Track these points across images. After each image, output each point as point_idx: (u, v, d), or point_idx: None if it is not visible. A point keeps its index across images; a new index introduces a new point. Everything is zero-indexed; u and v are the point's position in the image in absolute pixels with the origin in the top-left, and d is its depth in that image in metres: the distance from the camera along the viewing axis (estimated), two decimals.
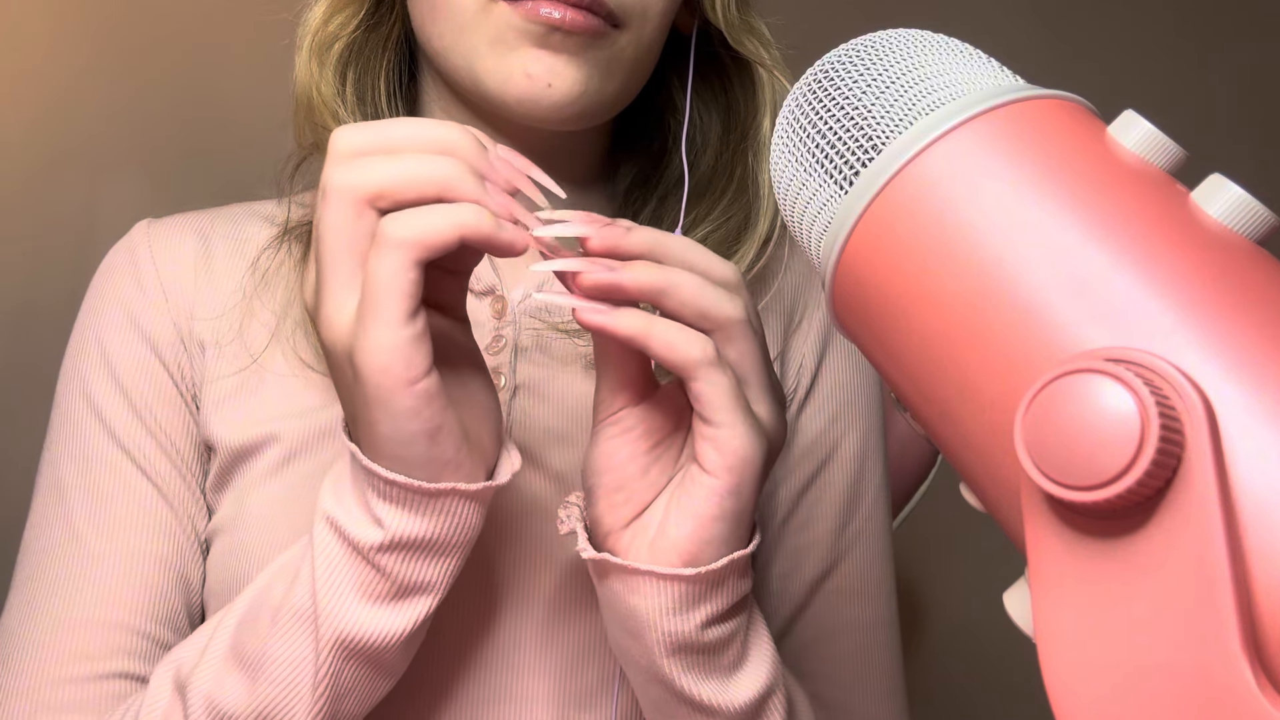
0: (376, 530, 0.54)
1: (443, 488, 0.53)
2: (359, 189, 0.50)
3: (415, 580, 0.55)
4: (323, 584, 0.55)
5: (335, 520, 0.55)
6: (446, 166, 0.51)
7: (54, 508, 0.69)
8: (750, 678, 0.58)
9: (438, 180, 0.50)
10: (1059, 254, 0.35)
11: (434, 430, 0.52)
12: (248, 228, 0.74)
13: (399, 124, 0.52)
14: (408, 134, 0.52)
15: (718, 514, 0.54)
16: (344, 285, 0.51)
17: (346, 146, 0.52)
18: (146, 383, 0.70)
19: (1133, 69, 1.76)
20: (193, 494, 0.69)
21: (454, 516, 0.54)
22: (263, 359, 0.70)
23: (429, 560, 0.55)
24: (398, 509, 0.53)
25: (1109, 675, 0.32)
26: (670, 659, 0.56)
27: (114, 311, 0.71)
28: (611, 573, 0.56)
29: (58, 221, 1.37)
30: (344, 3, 0.71)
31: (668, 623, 0.55)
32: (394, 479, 0.52)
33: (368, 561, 0.54)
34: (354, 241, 0.51)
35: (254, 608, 0.58)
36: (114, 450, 0.69)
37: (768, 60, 0.72)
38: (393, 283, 0.49)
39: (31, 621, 0.66)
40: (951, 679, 1.69)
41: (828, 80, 0.42)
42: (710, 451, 0.53)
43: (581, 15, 0.63)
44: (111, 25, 1.38)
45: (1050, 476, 0.31)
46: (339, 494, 0.56)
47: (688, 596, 0.55)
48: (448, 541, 0.55)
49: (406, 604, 0.56)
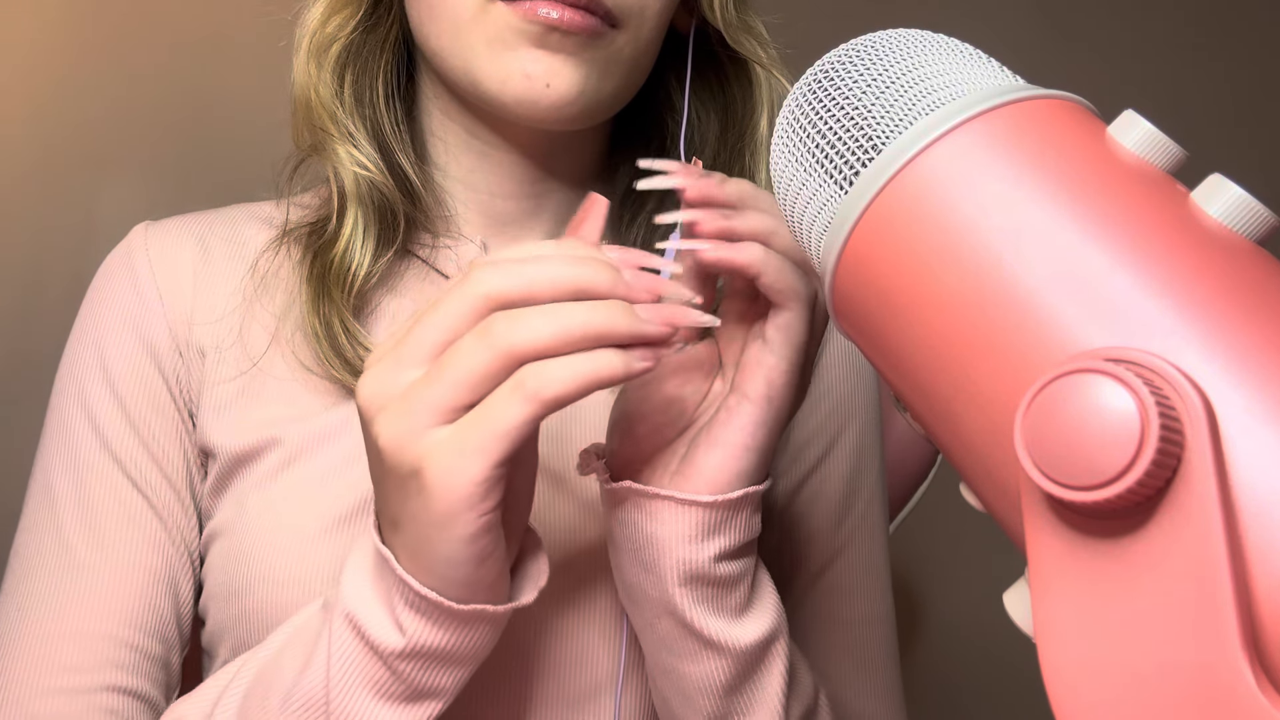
0: (398, 636, 0.53)
1: (471, 610, 0.53)
2: (520, 348, 0.48)
3: (428, 685, 0.55)
4: (337, 678, 0.54)
5: (357, 620, 0.54)
6: (601, 316, 0.49)
7: (45, 515, 0.69)
8: (756, 621, 0.59)
9: (597, 333, 0.49)
10: (1059, 254, 0.35)
11: (485, 557, 0.51)
12: (246, 230, 0.74)
13: (539, 262, 0.50)
14: (549, 274, 0.49)
15: (750, 444, 0.57)
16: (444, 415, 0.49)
17: (487, 291, 0.49)
18: (142, 392, 0.70)
19: (1133, 69, 1.76)
20: (184, 506, 0.69)
21: (475, 633, 0.54)
22: (263, 363, 0.69)
23: (445, 668, 0.55)
24: (423, 621, 0.53)
25: (1109, 675, 0.32)
26: (683, 588, 0.57)
27: (111, 318, 0.71)
28: (629, 500, 0.57)
29: (57, 222, 1.37)
30: (342, 4, 0.71)
31: (683, 549, 0.57)
32: (426, 595, 0.52)
33: (385, 664, 0.54)
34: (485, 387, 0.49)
35: (263, 682, 0.57)
36: (106, 460, 0.68)
37: (765, 59, 0.72)
38: (513, 431, 0.48)
39: (20, 631, 0.66)
40: (950, 679, 1.69)
41: (828, 80, 0.42)
42: (760, 381, 0.56)
43: (579, 15, 0.63)
44: (111, 25, 1.38)
45: (1050, 476, 0.31)
46: (360, 590, 0.55)
47: (705, 524, 0.57)
48: (465, 654, 0.55)
49: (417, 705, 0.55)
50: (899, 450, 1.40)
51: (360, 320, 0.69)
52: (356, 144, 0.70)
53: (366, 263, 0.69)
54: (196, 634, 0.71)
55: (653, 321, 0.50)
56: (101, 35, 1.38)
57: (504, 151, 0.71)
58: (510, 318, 0.48)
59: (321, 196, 0.74)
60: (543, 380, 0.48)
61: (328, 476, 0.66)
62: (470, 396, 0.49)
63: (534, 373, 0.48)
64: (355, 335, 0.67)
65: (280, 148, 0.74)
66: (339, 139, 0.70)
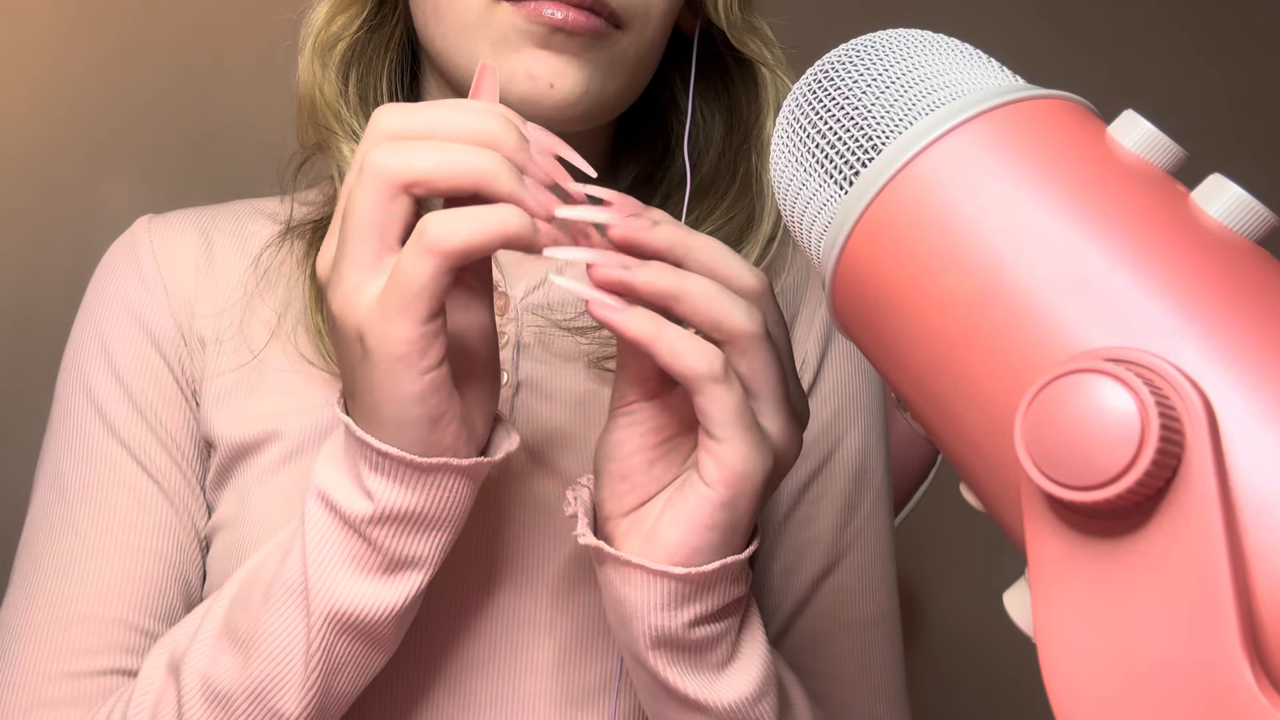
0: (366, 502, 0.54)
1: (434, 462, 0.53)
2: (397, 174, 0.49)
3: (406, 554, 0.55)
4: (313, 557, 0.55)
5: (326, 493, 0.55)
6: (487, 160, 0.50)
7: (54, 503, 0.69)
8: (739, 678, 0.58)
9: (477, 174, 0.49)
10: (1059, 254, 0.35)
11: (437, 417, 0.52)
12: (250, 224, 0.74)
13: (443, 107, 0.51)
14: (450, 120, 0.51)
15: (710, 524, 0.53)
16: (365, 266, 0.50)
17: (387, 126, 0.51)
18: (147, 379, 0.70)
19: (1133, 69, 1.76)
20: (193, 491, 0.69)
21: (444, 491, 0.54)
22: (263, 355, 0.70)
23: (420, 535, 0.55)
24: (388, 481, 0.53)
25: (1109, 675, 0.32)
26: (654, 651, 0.56)
27: (115, 306, 0.71)
28: (606, 560, 0.56)
29: (57, 220, 1.37)
30: (346, 4, 0.71)
31: (655, 617, 0.55)
32: (386, 450, 0.52)
33: (358, 534, 0.55)
34: (384, 225, 0.50)
35: (246, 586, 0.58)
36: (115, 446, 0.69)
37: (770, 60, 0.72)
38: (426, 286, 0.49)
39: (30, 616, 0.66)
40: (951, 679, 1.69)
41: (828, 80, 0.42)
42: (709, 463, 0.52)
43: (584, 16, 0.63)
44: (111, 25, 1.38)
45: (1050, 476, 0.31)
46: (331, 467, 0.56)
47: (677, 595, 0.55)
48: (438, 516, 0.55)
49: (398, 578, 0.56)
50: (899, 450, 1.40)
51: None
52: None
53: None
54: None
55: (538, 196, 0.50)
56: (101, 34, 1.38)
57: None
58: (388, 147, 0.49)
59: (325, 193, 0.74)
60: (442, 230, 0.48)
61: None
62: (377, 238, 0.50)
63: (434, 221, 0.48)
64: None
65: (280, 146, 0.74)
66: (343, 138, 0.70)
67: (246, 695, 0.57)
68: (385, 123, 0.51)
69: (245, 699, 0.57)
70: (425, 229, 0.48)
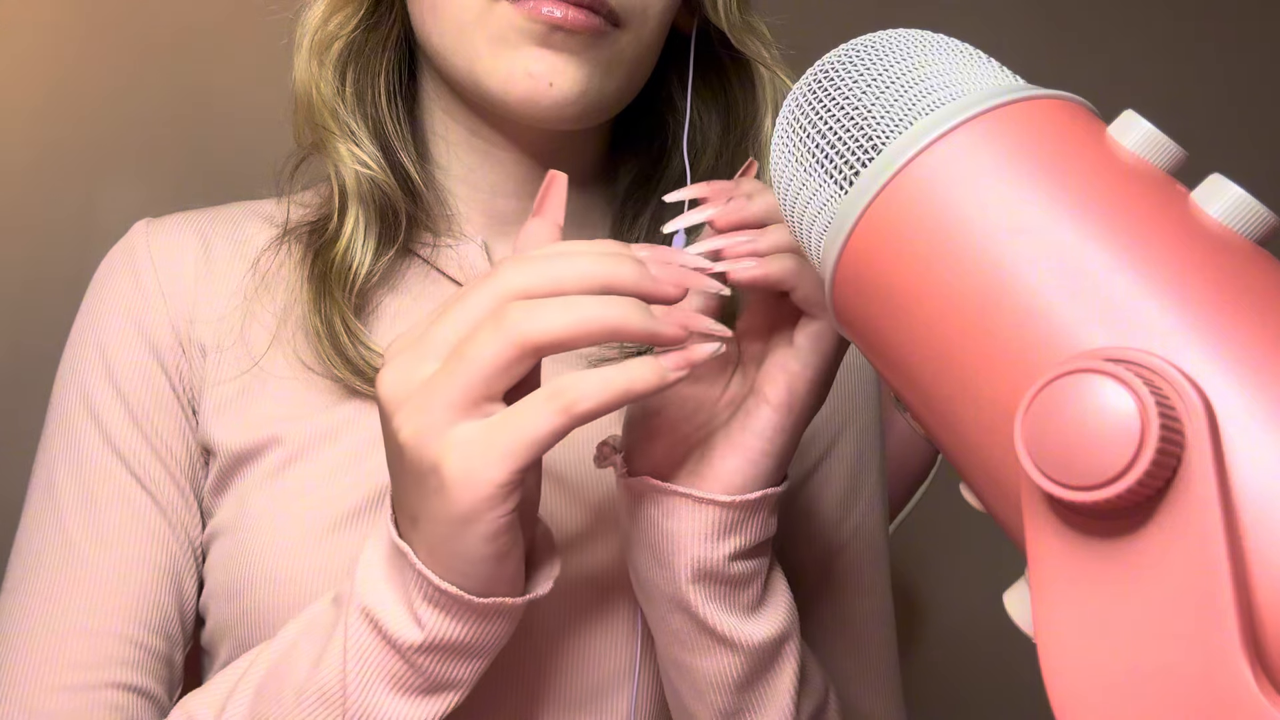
0: (416, 631, 0.53)
1: (490, 604, 0.52)
2: (535, 338, 0.48)
3: (446, 678, 0.55)
4: (353, 674, 0.54)
5: (374, 615, 0.54)
6: (617, 310, 0.49)
7: (47, 512, 0.69)
8: (768, 619, 0.60)
9: (612, 325, 0.48)
10: (1059, 254, 0.35)
11: (504, 555, 0.51)
12: (247, 228, 0.74)
13: (563, 258, 0.50)
14: (575, 273, 0.49)
15: (768, 449, 0.57)
16: (463, 410, 0.49)
17: (515, 285, 0.49)
18: (145, 387, 0.69)
19: (1133, 68, 1.76)
20: (187, 502, 0.69)
21: (493, 624, 0.54)
22: (264, 361, 0.69)
23: (462, 660, 0.55)
24: (442, 615, 0.53)
25: (1109, 675, 0.32)
26: (695, 585, 0.57)
27: (113, 313, 0.71)
28: (646, 495, 0.57)
29: (56, 221, 1.37)
30: (343, 2, 0.71)
31: (698, 547, 0.57)
32: (446, 590, 0.51)
33: (403, 658, 0.54)
34: (502, 380, 0.49)
35: (275, 677, 0.57)
36: (109, 456, 0.68)
37: (768, 59, 0.72)
38: (543, 441, 0.48)
39: (24, 628, 0.66)
40: (951, 679, 1.69)
41: (828, 80, 0.42)
42: (782, 387, 0.56)
43: (583, 14, 0.63)
44: (110, 24, 1.38)
45: (1050, 476, 0.31)
46: (375, 585, 0.54)
47: (721, 523, 0.57)
48: (483, 646, 0.55)
49: (436, 698, 0.55)
50: (899, 450, 1.40)
51: (361, 319, 0.69)
52: (358, 142, 0.70)
53: (368, 261, 0.69)
54: (196, 633, 0.71)
55: (668, 322, 0.50)
56: (101, 34, 1.38)
57: (506, 150, 0.71)
58: (525, 306, 0.48)
59: (323, 195, 0.74)
60: (578, 392, 0.48)
61: (330, 476, 0.66)
62: (486, 388, 0.48)
63: (570, 384, 0.48)
64: (357, 334, 0.67)
65: (280, 147, 0.74)
66: (340, 137, 0.70)
67: None
68: (509, 282, 0.49)
69: None
70: (565, 391, 0.48)
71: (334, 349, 0.67)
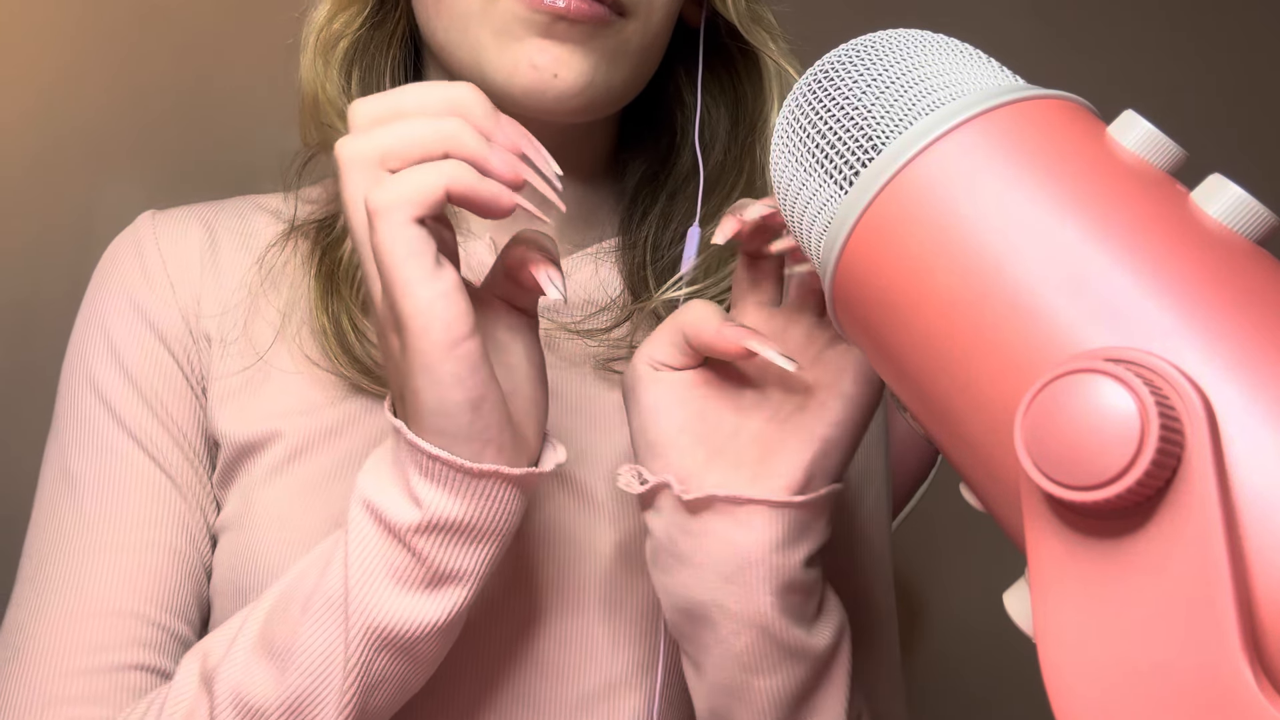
0: (414, 510, 0.53)
1: (485, 469, 0.53)
2: (368, 154, 0.51)
3: (451, 567, 0.54)
4: (355, 568, 0.54)
5: (371, 501, 0.54)
6: (449, 124, 0.51)
7: (63, 498, 0.68)
8: (828, 623, 0.59)
9: (440, 138, 0.51)
10: (1059, 254, 0.35)
11: (477, 400, 0.52)
12: (253, 221, 0.74)
13: (409, 89, 0.53)
14: (417, 97, 0.53)
15: (840, 442, 0.57)
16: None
17: (362, 117, 0.53)
18: (155, 372, 0.69)
19: (1133, 69, 1.76)
20: (203, 484, 0.69)
21: (495, 501, 0.54)
22: (268, 355, 0.69)
23: (466, 546, 0.54)
24: (438, 488, 0.53)
25: (1109, 675, 0.32)
26: (775, 597, 0.56)
27: (119, 301, 0.71)
28: (711, 510, 0.56)
29: (56, 219, 1.36)
30: (348, 1, 0.71)
31: (776, 557, 0.56)
32: (437, 454, 0.52)
33: (403, 544, 0.54)
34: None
35: (284, 598, 0.57)
36: (124, 439, 0.68)
37: (775, 51, 0.71)
38: (397, 245, 0.50)
39: (43, 613, 0.66)
40: (951, 678, 1.69)
41: (828, 80, 0.42)
42: (850, 379, 0.57)
43: (586, 3, 0.62)
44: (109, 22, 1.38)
45: (1050, 476, 0.31)
46: (378, 475, 0.55)
47: (796, 528, 0.56)
48: (486, 527, 0.54)
49: (441, 592, 0.55)
50: (899, 450, 1.40)
51: (369, 316, 0.69)
52: None
53: None
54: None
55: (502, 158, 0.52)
56: (101, 34, 1.38)
57: None
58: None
59: (329, 190, 0.74)
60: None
61: (333, 473, 0.66)
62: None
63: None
64: (364, 332, 0.67)
65: (280, 146, 0.74)
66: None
67: (281, 709, 0.56)
68: (359, 113, 0.53)
69: (279, 713, 0.56)
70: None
71: (341, 347, 0.67)
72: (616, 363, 0.69)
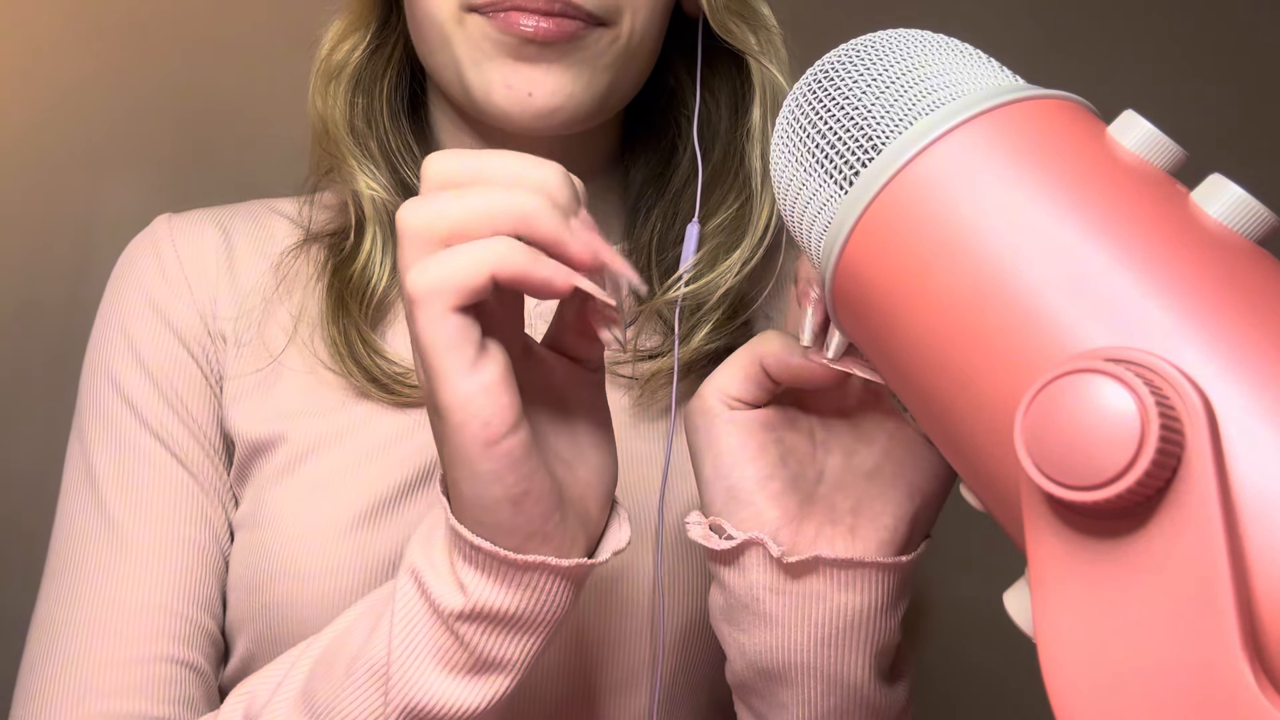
0: (459, 595, 0.50)
1: (530, 561, 0.49)
2: (429, 230, 0.46)
3: (495, 655, 0.51)
4: (399, 641, 0.52)
5: (420, 577, 0.51)
6: (530, 201, 0.46)
7: (86, 496, 0.69)
8: (907, 675, 0.58)
9: (517, 215, 0.46)
10: (1059, 254, 0.35)
11: (518, 496, 0.48)
12: (268, 225, 0.75)
13: (495, 153, 0.47)
14: (501, 164, 0.47)
15: (938, 495, 0.53)
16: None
17: (436, 174, 0.47)
18: (174, 370, 0.70)
19: (1133, 69, 1.76)
20: (222, 479, 0.70)
21: (542, 592, 0.50)
22: (281, 357, 0.70)
23: (512, 636, 0.51)
24: (483, 576, 0.50)
25: (1109, 675, 0.32)
26: (872, 660, 0.53)
27: (138, 301, 0.72)
28: (814, 573, 0.52)
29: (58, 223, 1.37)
30: (349, 30, 0.72)
31: (880, 620, 0.53)
32: (478, 544, 0.49)
33: (447, 627, 0.51)
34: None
35: (333, 651, 0.55)
36: (146, 437, 0.69)
37: (754, 46, 0.70)
38: (435, 338, 0.45)
39: (72, 608, 0.66)
40: (951, 679, 1.69)
41: (828, 80, 0.42)
42: None
43: (553, 24, 0.62)
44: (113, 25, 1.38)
45: (1050, 476, 0.31)
46: (429, 548, 0.52)
47: (899, 587, 0.53)
48: (533, 618, 0.50)
49: (483, 680, 0.51)
50: None
51: (381, 327, 0.70)
52: (372, 165, 0.71)
53: (385, 278, 0.70)
54: None
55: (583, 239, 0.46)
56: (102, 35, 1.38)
57: None
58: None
59: (342, 197, 0.74)
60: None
61: (344, 473, 0.67)
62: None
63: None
64: (372, 345, 0.68)
65: (281, 148, 0.75)
66: (354, 162, 0.71)
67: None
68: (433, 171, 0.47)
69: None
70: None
71: (351, 358, 0.68)
72: (619, 366, 0.69)
